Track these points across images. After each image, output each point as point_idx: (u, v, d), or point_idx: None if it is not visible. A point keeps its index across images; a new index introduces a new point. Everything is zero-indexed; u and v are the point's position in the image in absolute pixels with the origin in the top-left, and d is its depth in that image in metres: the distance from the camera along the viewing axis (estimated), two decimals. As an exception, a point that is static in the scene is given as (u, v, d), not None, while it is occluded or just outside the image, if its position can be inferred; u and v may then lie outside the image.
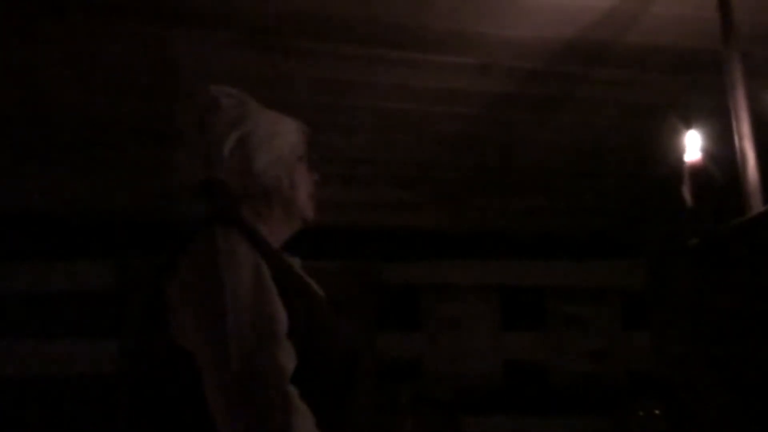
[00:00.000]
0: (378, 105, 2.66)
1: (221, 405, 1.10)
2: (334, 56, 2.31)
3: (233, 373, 1.09)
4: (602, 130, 2.95)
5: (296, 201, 1.41)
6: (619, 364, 4.15)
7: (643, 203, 3.76)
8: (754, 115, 1.77)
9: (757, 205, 1.70)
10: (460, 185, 3.56)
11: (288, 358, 1.13)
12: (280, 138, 1.39)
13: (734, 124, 1.77)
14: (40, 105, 2.60)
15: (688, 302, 3.77)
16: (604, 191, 3.67)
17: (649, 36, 2.25)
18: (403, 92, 2.57)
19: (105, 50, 2.24)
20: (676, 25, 2.19)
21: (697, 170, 1.86)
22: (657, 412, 3.75)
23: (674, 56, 2.37)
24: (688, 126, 1.94)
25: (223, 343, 1.11)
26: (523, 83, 2.54)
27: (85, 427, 3.45)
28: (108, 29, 2.13)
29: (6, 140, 2.87)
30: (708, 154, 1.88)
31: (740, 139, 1.75)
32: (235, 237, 1.20)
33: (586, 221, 4.09)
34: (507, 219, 4.03)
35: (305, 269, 1.44)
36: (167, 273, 1.21)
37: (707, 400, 3.58)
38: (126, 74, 2.40)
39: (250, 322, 1.12)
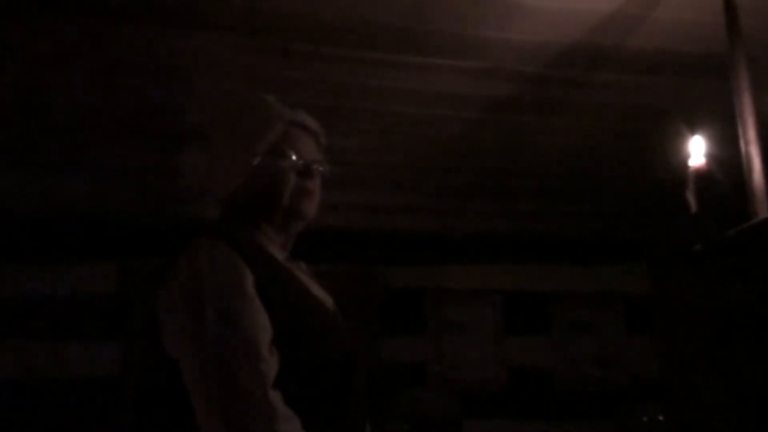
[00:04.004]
0: (381, 108, 2.66)
1: (204, 412, 1.11)
2: (338, 59, 2.31)
3: (214, 381, 1.11)
4: (606, 134, 2.94)
5: (277, 197, 1.37)
6: (622, 369, 4.14)
7: (647, 208, 3.75)
8: (760, 120, 1.76)
9: (762, 211, 1.69)
10: (464, 189, 3.56)
11: (269, 365, 1.14)
12: (243, 140, 1.39)
13: (740, 128, 1.77)
14: (42, 108, 2.60)
15: (692, 307, 3.75)
16: (609, 195, 3.66)
17: (654, 40, 2.24)
18: (406, 96, 2.57)
19: (108, 52, 2.24)
20: (680, 30, 2.18)
21: (701, 175, 1.86)
22: (661, 417, 3.73)
23: (679, 60, 2.36)
24: (693, 130, 1.94)
25: (203, 352, 1.13)
26: (527, 87, 2.53)
27: (86, 428, 3.45)
28: (111, 31, 2.13)
29: (8, 143, 2.87)
30: (713, 158, 1.87)
31: (746, 144, 1.75)
32: (220, 247, 1.21)
33: (590, 226, 4.08)
34: (511, 223, 4.02)
35: (312, 273, 1.44)
36: (159, 283, 1.22)
37: (711, 405, 3.56)
38: (129, 76, 2.40)
39: (229, 331, 1.13)
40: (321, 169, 1.44)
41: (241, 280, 1.18)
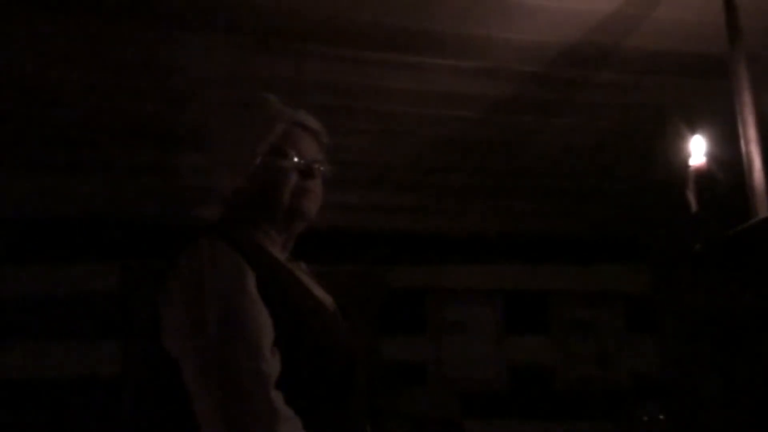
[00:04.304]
0: (381, 108, 2.66)
1: (205, 412, 1.11)
2: (338, 59, 2.31)
3: (215, 381, 1.10)
4: (606, 133, 2.94)
5: (276, 199, 1.37)
6: (623, 368, 4.14)
7: (648, 207, 3.75)
8: (760, 119, 1.76)
9: (762, 210, 1.69)
10: (464, 189, 3.56)
11: (271, 365, 1.13)
12: (243, 138, 1.38)
13: (740, 128, 1.77)
14: (44, 107, 2.60)
15: (693, 307, 3.75)
16: (609, 195, 3.66)
17: (654, 39, 2.24)
18: (407, 95, 2.57)
19: (109, 53, 2.24)
20: (680, 29, 2.18)
21: (701, 174, 1.86)
22: (661, 416, 3.73)
23: (679, 60, 2.36)
24: (693, 130, 1.94)
25: (204, 351, 1.12)
26: (527, 86, 2.53)
27: (88, 428, 3.45)
28: (112, 31, 2.13)
29: (10, 142, 2.87)
30: (713, 158, 1.87)
31: (746, 143, 1.74)
32: (220, 247, 1.20)
33: (591, 225, 4.08)
34: (511, 222, 4.02)
35: (312, 273, 1.44)
36: (159, 282, 1.22)
37: (711, 404, 3.56)
38: (130, 77, 2.40)
39: (230, 331, 1.13)
40: (322, 169, 1.44)
41: (242, 280, 1.18)
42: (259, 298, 1.18)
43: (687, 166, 1.89)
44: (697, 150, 1.88)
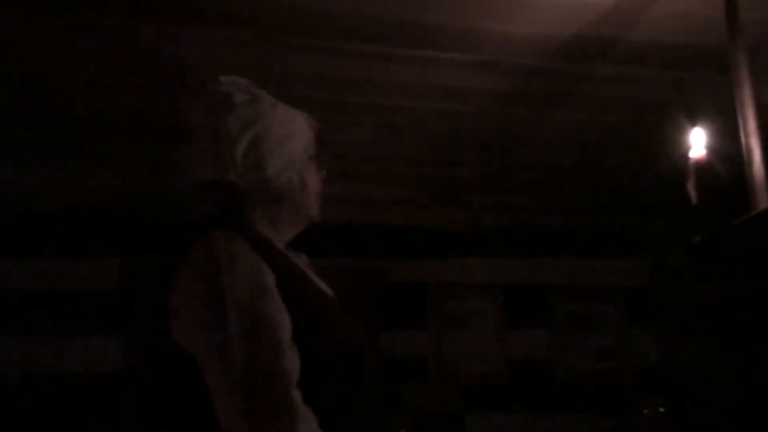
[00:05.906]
0: (382, 102, 2.66)
1: (225, 409, 1.10)
2: (338, 53, 2.31)
3: (237, 379, 1.09)
4: (607, 127, 2.94)
5: (306, 202, 1.40)
6: (624, 362, 4.14)
7: (648, 201, 3.75)
8: (760, 112, 1.76)
9: (762, 202, 1.69)
10: (465, 183, 3.56)
11: (292, 363, 1.12)
12: (293, 139, 1.36)
13: (740, 120, 1.77)
14: (44, 102, 2.60)
15: (693, 300, 3.76)
16: (609, 189, 3.66)
17: (654, 33, 2.24)
18: (407, 89, 2.57)
19: (110, 47, 2.24)
20: (681, 22, 2.18)
21: (702, 167, 1.86)
22: (662, 410, 3.74)
23: (679, 53, 2.36)
24: (693, 123, 1.94)
25: (225, 349, 1.11)
26: (527, 80, 2.53)
27: (88, 425, 3.46)
28: (112, 26, 2.13)
29: (10, 138, 2.87)
30: (713, 151, 1.87)
31: (746, 135, 1.75)
32: (236, 241, 1.19)
33: (591, 219, 4.08)
34: (512, 217, 4.02)
35: (314, 267, 1.44)
36: (170, 276, 1.21)
37: (712, 397, 3.57)
38: (131, 72, 2.40)
39: (252, 327, 1.12)
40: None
41: (262, 277, 1.16)
42: (278, 294, 1.17)
43: (687, 158, 1.89)
44: (697, 142, 1.88)
